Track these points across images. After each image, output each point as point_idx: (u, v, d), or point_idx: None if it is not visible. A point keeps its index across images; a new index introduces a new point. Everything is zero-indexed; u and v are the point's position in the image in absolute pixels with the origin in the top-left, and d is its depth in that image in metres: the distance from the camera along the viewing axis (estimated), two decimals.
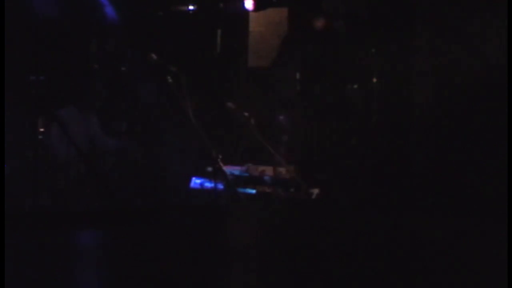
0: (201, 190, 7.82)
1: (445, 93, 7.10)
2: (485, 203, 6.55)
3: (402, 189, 7.88)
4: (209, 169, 6.30)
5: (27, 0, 8.58)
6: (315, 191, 7.19)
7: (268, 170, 7.49)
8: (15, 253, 1.79)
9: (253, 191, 7.52)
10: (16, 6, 8.07)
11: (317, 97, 8.63)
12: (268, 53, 10.42)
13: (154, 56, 5.32)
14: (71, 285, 1.53)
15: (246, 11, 10.14)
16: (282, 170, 7.28)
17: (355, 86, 9.39)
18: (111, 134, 8.71)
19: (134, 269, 1.66)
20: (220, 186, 6.91)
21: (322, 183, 7.78)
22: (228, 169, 5.78)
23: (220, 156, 5.21)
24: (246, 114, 6.43)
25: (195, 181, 7.96)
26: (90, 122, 8.04)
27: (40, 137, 3.88)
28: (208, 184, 7.65)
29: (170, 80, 5.21)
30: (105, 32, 9.85)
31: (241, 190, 6.47)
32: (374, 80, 8.90)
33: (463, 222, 2.97)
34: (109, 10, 9.61)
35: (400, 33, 7.56)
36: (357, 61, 8.63)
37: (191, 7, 10.48)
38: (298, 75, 10.53)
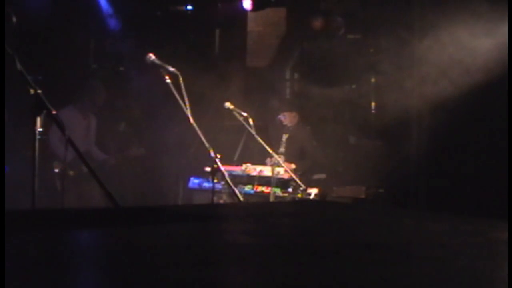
0: (200, 190, 7.84)
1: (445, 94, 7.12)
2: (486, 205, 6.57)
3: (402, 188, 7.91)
4: (208, 169, 6.30)
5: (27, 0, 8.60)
6: (314, 191, 7.22)
7: (267, 170, 7.51)
8: (15, 253, 1.80)
9: (252, 191, 7.55)
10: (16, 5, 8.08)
11: (316, 97, 8.63)
12: (267, 53, 10.43)
13: (153, 56, 5.32)
14: (71, 285, 1.55)
15: (245, 11, 10.16)
16: (280, 170, 7.30)
17: (354, 86, 9.40)
18: (111, 134, 8.74)
19: (134, 269, 1.68)
20: (219, 186, 6.92)
21: (321, 183, 7.81)
22: (226, 169, 5.78)
23: (219, 156, 5.20)
24: (245, 114, 6.42)
25: (194, 181, 7.99)
26: (90, 123, 8.05)
27: (40, 137, 3.88)
28: (207, 184, 7.68)
29: (169, 80, 5.20)
30: (105, 32, 9.87)
31: (239, 190, 6.48)
32: (373, 80, 8.92)
33: (461, 222, 2.99)
34: (108, 10, 9.62)
35: (399, 32, 7.57)
36: (356, 60, 8.63)
37: (190, 7, 10.50)
38: (297, 75, 10.54)
